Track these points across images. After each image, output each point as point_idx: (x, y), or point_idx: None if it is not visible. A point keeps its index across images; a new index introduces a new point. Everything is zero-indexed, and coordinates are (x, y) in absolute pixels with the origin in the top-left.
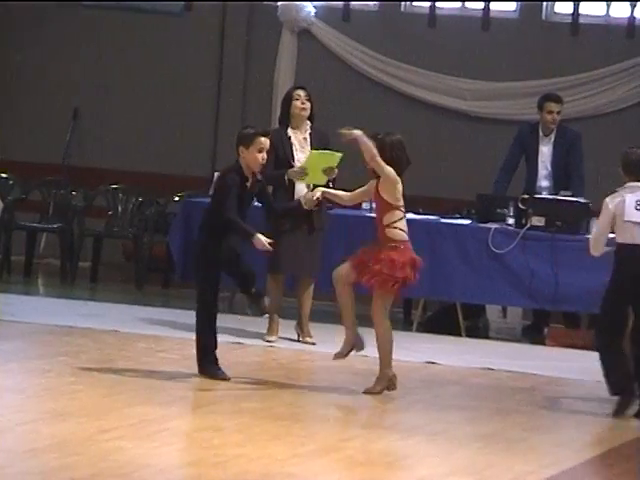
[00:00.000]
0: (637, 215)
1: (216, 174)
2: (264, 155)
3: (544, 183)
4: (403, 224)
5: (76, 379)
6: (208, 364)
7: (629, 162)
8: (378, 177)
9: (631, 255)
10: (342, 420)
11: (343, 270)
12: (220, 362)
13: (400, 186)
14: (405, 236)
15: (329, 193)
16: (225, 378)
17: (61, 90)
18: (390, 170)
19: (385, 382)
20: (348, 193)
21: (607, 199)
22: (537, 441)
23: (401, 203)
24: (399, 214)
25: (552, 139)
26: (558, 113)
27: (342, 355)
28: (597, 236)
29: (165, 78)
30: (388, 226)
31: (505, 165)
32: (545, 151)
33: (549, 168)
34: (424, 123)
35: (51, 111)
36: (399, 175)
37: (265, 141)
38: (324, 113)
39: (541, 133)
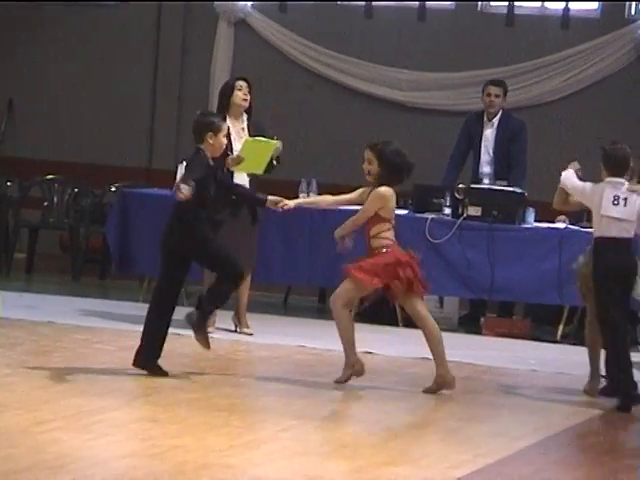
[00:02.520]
0: (614, 210)
1: (180, 166)
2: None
3: (486, 169)
4: (390, 234)
5: (11, 371)
6: (150, 358)
7: (612, 159)
8: (373, 188)
9: (606, 248)
10: (279, 411)
11: (341, 291)
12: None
13: (394, 199)
14: (389, 242)
15: (307, 202)
16: (164, 374)
17: None
18: (383, 193)
19: (349, 370)
20: (331, 198)
21: (588, 185)
22: (473, 430)
23: (392, 216)
24: (388, 225)
25: (495, 124)
26: (497, 96)
27: (342, 381)
28: (575, 185)
29: (101, 68)
30: (374, 237)
31: (453, 155)
32: (488, 135)
33: (491, 154)
34: (361, 114)
35: None
36: (401, 181)
37: (225, 125)
38: (260, 103)
39: (485, 118)
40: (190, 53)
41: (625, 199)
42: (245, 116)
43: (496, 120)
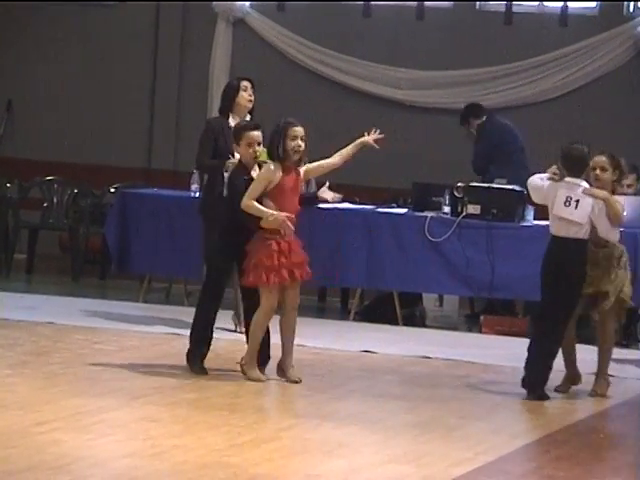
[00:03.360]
0: (564, 211)
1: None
2: (255, 148)
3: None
4: None
5: (11, 371)
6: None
7: (569, 157)
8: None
9: (555, 246)
10: (279, 410)
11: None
12: (158, 353)
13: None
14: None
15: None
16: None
17: None
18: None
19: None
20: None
21: (547, 183)
22: (473, 428)
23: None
24: None
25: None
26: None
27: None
28: (535, 184)
29: (99, 68)
30: None
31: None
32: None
33: None
34: (359, 112)
35: None
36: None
37: (254, 135)
38: (259, 103)
39: None
40: (189, 53)
41: (577, 201)
42: (248, 117)
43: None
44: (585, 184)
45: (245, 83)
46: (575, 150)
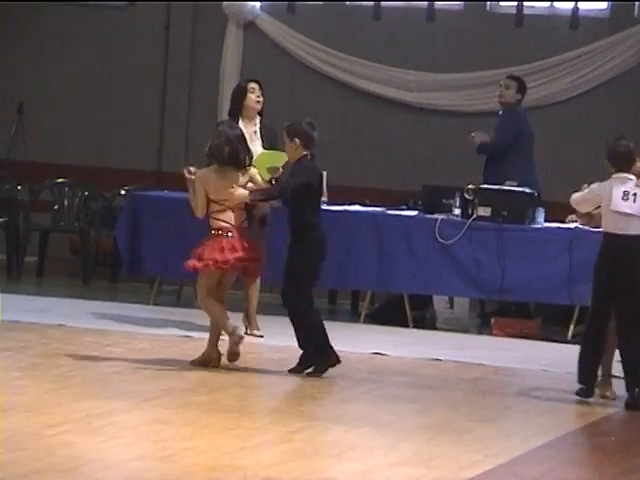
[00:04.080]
0: (624, 205)
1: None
2: None
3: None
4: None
5: (22, 374)
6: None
7: (616, 154)
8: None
9: (613, 243)
10: (290, 412)
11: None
12: (168, 356)
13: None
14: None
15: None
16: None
17: (5, 84)
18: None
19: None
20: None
21: (594, 185)
22: (484, 431)
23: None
24: (218, 207)
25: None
26: (508, 86)
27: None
28: (579, 197)
29: (111, 72)
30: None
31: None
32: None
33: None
34: (370, 115)
35: None
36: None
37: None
38: (270, 106)
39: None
40: (199, 55)
41: (635, 194)
42: (258, 118)
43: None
44: (634, 177)
45: (252, 85)
46: (621, 146)
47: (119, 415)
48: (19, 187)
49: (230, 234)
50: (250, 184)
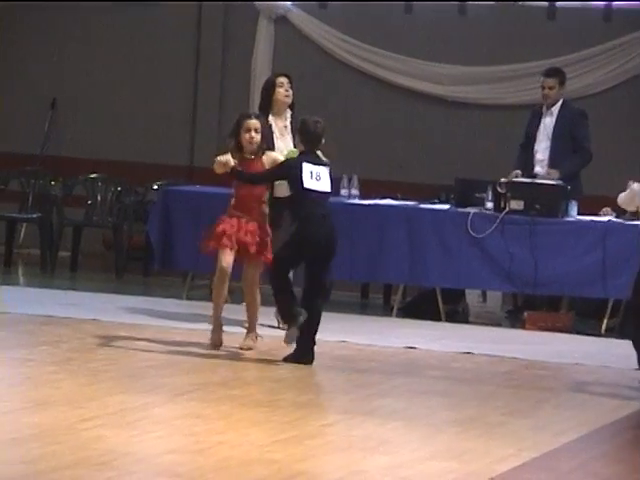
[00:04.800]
0: None
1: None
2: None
3: (539, 156)
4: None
5: (57, 368)
6: None
7: None
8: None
9: None
10: (322, 406)
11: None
12: (201, 350)
13: None
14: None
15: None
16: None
17: (39, 80)
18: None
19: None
20: None
21: (635, 185)
22: (516, 425)
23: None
24: None
25: (555, 113)
26: (551, 88)
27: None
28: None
29: (142, 66)
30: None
31: (522, 142)
32: (547, 123)
33: (549, 142)
34: (401, 109)
35: (29, 101)
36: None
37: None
38: (301, 100)
39: (544, 108)
40: (231, 50)
41: None
42: (289, 113)
43: (555, 109)
44: None
45: (281, 79)
46: None
47: (153, 409)
48: (52, 182)
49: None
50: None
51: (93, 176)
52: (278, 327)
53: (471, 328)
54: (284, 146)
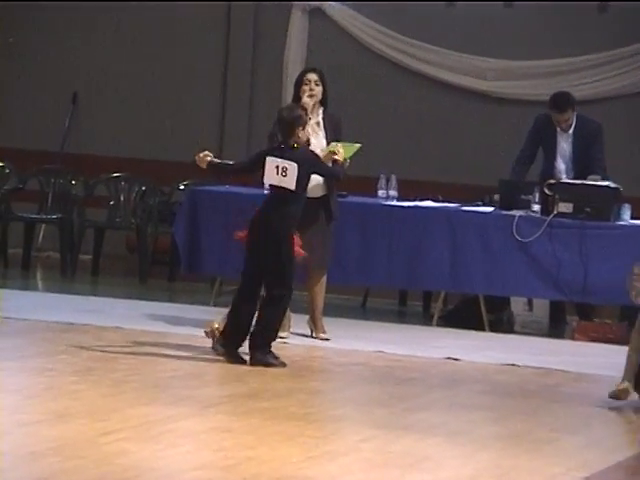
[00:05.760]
0: None
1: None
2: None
3: (562, 176)
4: None
5: (77, 378)
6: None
7: None
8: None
9: None
10: (358, 420)
11: None
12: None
13: None
14: None
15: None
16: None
17: (60, 73)
18: None
19: None
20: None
21: None
22: (565, 442)
23: None
24: None
25: (571, 133)
26: (566, 120)
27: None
28: None
29: (169, 60)
30: None
31: (520, 157)
32: (565, 146)
33: (569, 163)
34: (443, 105)
35: (49, 95)
36: None
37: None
38: (337, 95)
39: (558, 128)
40: (262, 42)
41: None
42: (321, 109)
43: (571, 129)
44: None
45: (309, 76)
46: None
47: (178, 422)
48: (73, 182)
49: None
50: None
51: (116, 175)
52: (311, 336)
53: (516, 338)
54: (317, 143)
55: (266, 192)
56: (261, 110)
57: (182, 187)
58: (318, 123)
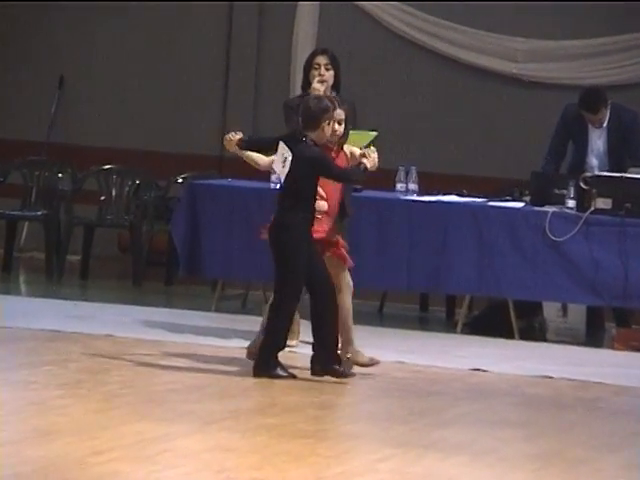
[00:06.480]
0: None
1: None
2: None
3: (594, 172)
4: None
5: (64, 392)
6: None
7: None
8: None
9: None
10: (375, 437)
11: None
12: (233, 371)
13: None
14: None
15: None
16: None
17: (44, 54)
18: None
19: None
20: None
21: None
22: (603, 462)
23: None
24: None
25: (605, 126)
26: (600, 120)
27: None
28: None
29: (165, 41)
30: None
31: (549, 152)
32: (598, 142)
33: (603, 158)
34: (468, 89)
35: (33, 80)
36: None
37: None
38: (352, 79)
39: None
40: (268, 21)
41: None
42: (333, 94)
43: (605, 122)
44: None
45: (318, 60)
46: None
47: (177, 440)
48: (60, 175)
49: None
50: None
51: (107, 167)
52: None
53: (549, 347)
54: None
55: (272, 185)
56: (267, 96)
57: (180, 180)
58: None
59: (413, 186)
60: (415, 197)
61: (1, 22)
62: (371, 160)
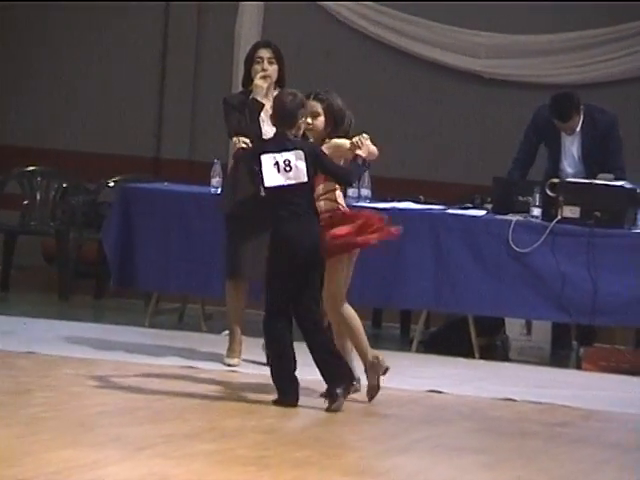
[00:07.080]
0: None
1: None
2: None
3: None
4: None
5: None
6: None
7: None
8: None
9: None
10: (322, 466)
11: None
12: (167, 391)
13: None
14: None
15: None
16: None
17: None
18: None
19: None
20: None
21: None
22: None
23: None
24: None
25: (578, 131)
26: (572, 127)
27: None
28: None
29: (97, 31)
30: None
31: (517, 158)
32: (571, 147)
33: (578, 165)
34: (427, 87)
35: None
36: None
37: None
38: (301, 75)
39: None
40: (208, 14)
41: None
42: (277, 91)
43: (578, 127)
44: None
45: (261, 52)
46: None
47: (106, 467)
48: None
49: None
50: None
51: (31, 169)
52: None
53: (513, 367)
54: (271, 131)
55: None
56: (207, 93)
57: (112, 184)
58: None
59: (366, 191)
60: (368, 203)
61: None
62: (365, 148)
